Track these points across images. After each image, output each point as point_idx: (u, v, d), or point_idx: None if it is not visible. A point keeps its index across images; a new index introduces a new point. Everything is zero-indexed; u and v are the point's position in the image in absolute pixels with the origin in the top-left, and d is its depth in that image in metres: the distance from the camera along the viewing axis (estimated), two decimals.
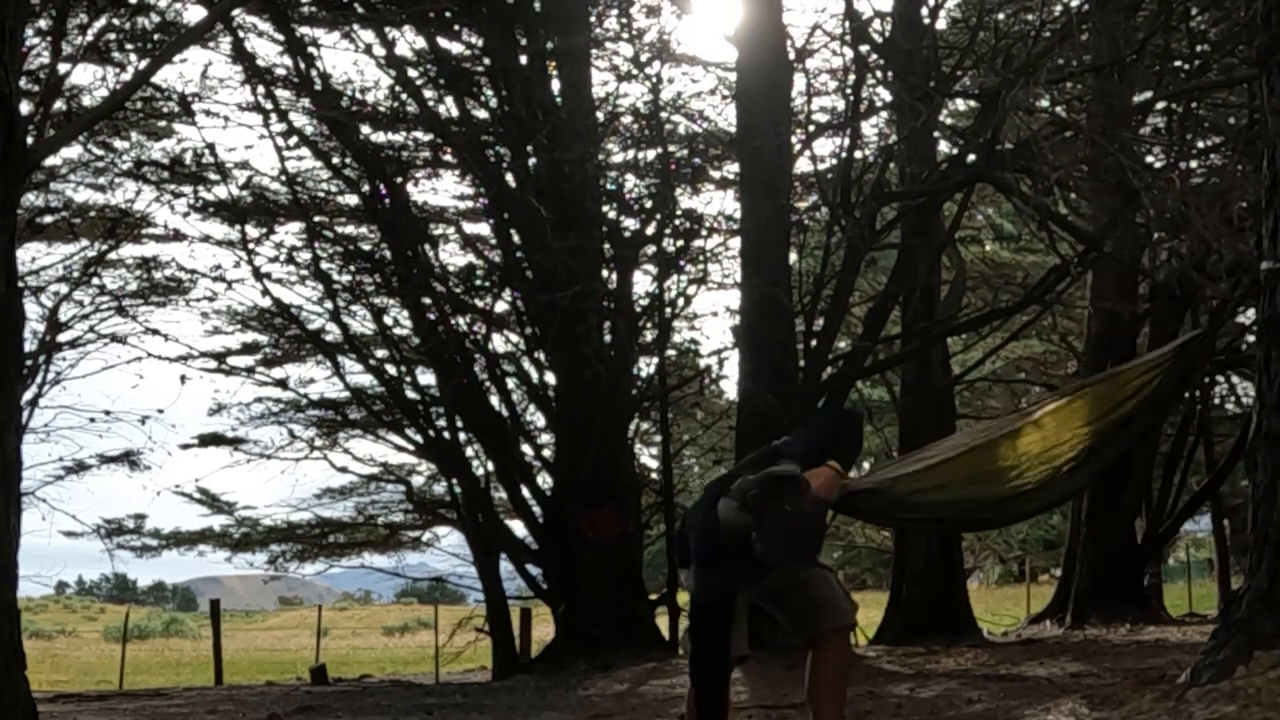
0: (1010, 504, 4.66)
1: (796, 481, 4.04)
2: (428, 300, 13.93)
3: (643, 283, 14.65)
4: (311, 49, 13.64)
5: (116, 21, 13.31)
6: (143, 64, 13.10)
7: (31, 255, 15.86)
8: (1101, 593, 15.77)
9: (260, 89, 13.86)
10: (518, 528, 14.36)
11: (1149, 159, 11.93)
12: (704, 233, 14.74)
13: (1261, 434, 5.29)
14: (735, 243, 14.24)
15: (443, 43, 14.06)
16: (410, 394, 14.61)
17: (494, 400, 14.34)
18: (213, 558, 20.33)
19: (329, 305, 14.54)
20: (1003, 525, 7.47)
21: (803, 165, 13.62)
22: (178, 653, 33.50)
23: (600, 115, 14.24)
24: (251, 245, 14.61)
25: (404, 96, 14.03)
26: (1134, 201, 10.84)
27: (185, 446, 17.62)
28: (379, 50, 13.76)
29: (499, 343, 14.92)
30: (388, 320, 14.98)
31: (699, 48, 30.02)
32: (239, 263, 14.83)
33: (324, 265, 14.56)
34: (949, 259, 14.60)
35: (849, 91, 12.47)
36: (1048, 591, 20.03)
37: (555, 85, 13.86)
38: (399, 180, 14.14)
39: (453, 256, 16.29)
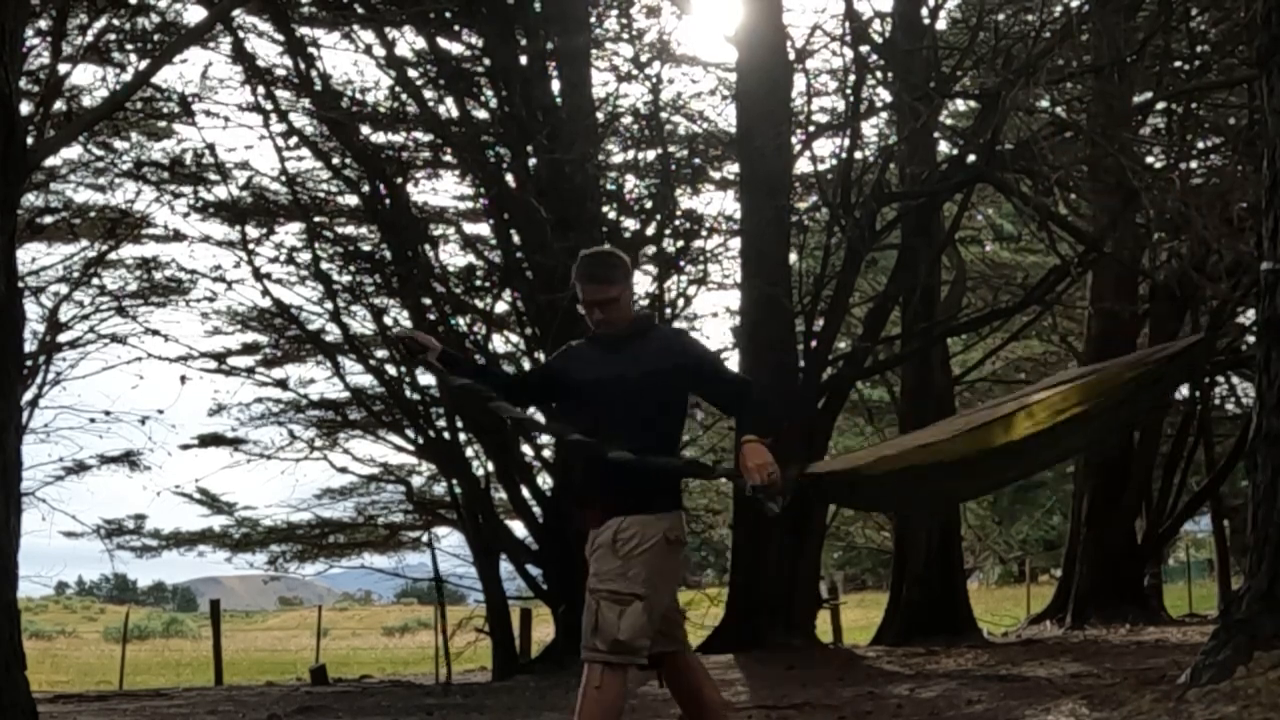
0: (979, 469, 4.58)
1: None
2: (428, 300, 13.92)
3: (643, 283, 14.66)
4: (311, 49, 13.64)
5: (116, 22, 13.30)
6: (143, 64, 13.08)
7: (31, 255, 15.88)
8: (1101, 593, 15.76)
9: (260, 89, 13.85)
10: (518, 528, 14.36)
11: (1149, 159, 11.96)
12: (704, 233, 14.75)
13: (1261, 434, 5.30)
14: (735, 243, 14.25)
15: (443, 43, 14.05)
16: (410, 394, 14.60)
17: None
18: (213, 558, 20.30)
19: (329, 305, 14.53)
20: (968, 494, 7.51)
21: (803, 165, 13.64)
22: (178, 653, 33.45)
23: (600, 115, 14.23)
24: (251, 245, 14.60)
25: (404, 97, 14.02)
26: (1134, 201, 10.85)
27: (185, 447, 17.63)
28: (379, 50, 13.76)
29: (499, 343, 14.93)
30: (388, 320, 14.97)
31: (699, 48, 30.08)
32: (239, 263, 14.83)
33: (324, 265, 14.55)
34: (949, 259, 14.61)
35: (849, 92, 12.49)
36: (1048, 592, 20.04)
37: (555, 85, 13.86)
38: (399, 180, 14.12)
39: (453, 256, 16.29)
